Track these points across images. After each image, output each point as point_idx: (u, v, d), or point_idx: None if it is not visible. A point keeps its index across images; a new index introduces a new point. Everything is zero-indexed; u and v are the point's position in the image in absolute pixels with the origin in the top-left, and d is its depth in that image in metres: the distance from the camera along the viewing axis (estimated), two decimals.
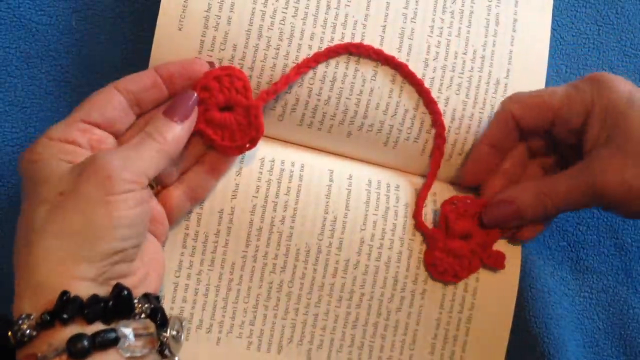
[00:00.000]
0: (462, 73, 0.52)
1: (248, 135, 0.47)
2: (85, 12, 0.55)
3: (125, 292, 0.40)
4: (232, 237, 0.50)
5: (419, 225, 0.51)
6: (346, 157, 0.53)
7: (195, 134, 0.46)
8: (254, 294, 0.50)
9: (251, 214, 0.50)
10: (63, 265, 0.38)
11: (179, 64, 0.46)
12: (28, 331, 0.37)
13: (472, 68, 0.52)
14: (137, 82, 0.45)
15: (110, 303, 0.39)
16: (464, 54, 0.52)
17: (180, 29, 0.48)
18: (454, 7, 0.52)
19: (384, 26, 0.51)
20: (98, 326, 0.38)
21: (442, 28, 0.51)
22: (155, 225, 0.46)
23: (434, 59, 0.51)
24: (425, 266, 0.51)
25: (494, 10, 0.53)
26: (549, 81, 0.54)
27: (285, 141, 0.52)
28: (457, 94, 0.52)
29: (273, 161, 0.50)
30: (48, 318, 0.37)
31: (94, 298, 0.38)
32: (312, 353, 0.51)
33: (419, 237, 0.52)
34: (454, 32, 0.52)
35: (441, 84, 0.51)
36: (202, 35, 0.48)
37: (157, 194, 0.47)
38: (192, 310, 0.49)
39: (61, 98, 0.54)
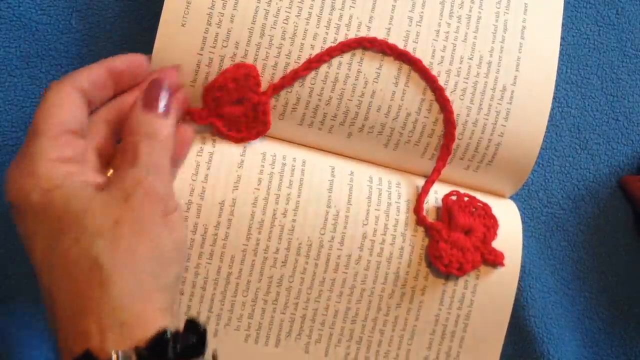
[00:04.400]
0: (467, 78, 0.52)
1: (254, 129, 0.49)
2: (85, 12, 0.55)
3: (202, 329, 0.37)
4: (232, 230, 0.49)
5: (420, 219, 0.51)
6: (347, 156, 0.54)
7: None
8: (253, 288, 0.50)
9: (253, 206, 0.49)
10: (144, 300, 0.36)
11: (126, 61, 0.44)
12: None
13: (477, 74, 0.52)
14: (90, 80, 0.42)
15: (195, 340, 0.36)
16: (470, 59, 0.52)
17: (183, 25, 0.48)
18: (461, 12, 0.52)
19: (389, 29, 0.51)
20: None
21: (448, 33, 0.52)
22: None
23: (438, 63, 0.51)
24: (430, 259, 0.51)
25: (502, 17, 0.53)
26: None
27: (285, 140, 0.52)
28: (461, 99, 0.52)
29: (275, 156, 0.51)
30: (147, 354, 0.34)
31: (184, 336, 0.36)
32: (310, 347, 0.51)
33: (420, 234, 0.51)
34: (460, 37, 0.52)
35: (445, 89, 0.51)
36: (204, 32, 0.48)
37: None
38: (189, 303, 0.49)
39: None
